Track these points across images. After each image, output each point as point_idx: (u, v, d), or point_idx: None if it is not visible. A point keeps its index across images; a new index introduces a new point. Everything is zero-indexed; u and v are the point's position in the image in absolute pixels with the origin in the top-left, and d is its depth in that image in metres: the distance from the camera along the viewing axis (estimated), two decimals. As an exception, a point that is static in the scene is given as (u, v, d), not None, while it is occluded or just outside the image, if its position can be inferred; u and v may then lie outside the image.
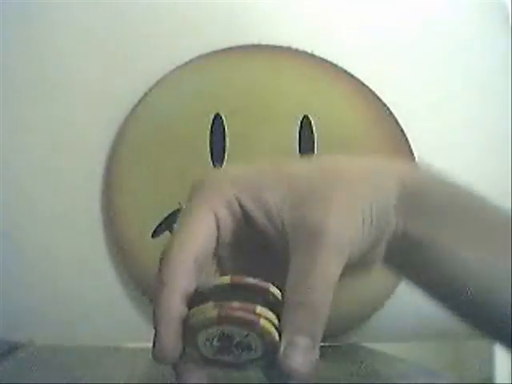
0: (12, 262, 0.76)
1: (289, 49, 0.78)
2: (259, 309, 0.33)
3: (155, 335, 0.34)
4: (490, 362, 0.77)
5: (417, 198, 0.38)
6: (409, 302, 0.65)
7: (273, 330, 0.34)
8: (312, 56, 0.78)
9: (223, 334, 0.34)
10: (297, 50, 0.78)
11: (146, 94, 0.77)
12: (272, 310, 0.34)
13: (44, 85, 0.78)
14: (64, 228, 0.77)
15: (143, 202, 0.76)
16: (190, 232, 0.35)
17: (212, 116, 0.76)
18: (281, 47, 0.78)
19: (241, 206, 0.36)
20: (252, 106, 0.77)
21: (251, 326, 0.33)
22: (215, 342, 0.34)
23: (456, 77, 0.81)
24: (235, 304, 0.33)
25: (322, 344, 0.34)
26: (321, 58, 0.78)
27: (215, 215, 0.36)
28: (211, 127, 0.76)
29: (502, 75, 0.81)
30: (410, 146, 0.78)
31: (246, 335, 0.33)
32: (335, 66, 0.78)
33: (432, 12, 0.81)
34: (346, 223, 0.35)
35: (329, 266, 0.34)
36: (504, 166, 0.80)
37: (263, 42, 0.78)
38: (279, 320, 0.34)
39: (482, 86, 0.81)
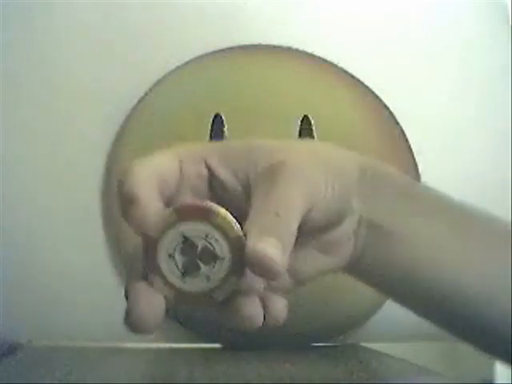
0: (12, 262, 0.76)
1: (289, 49, 0.78)
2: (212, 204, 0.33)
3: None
4: (489, 362, 0.77)
5: (376, 185, 0.38)
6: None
7: (234, 223, 0.33)
8: (312, 56, 0.78)
9: (184, 239, 0.33)
10: (297, 50, 0.78)
11: (146, 94, 0.77)
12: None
13: (44, 84, 0.78)
14: (64, 228, 0.77)
15: (143, 201, 0.76)
16: (153, 160, 0.36)
17: (212, 116, 0.76)
18: (281, 47, 0.78)
19: (207, 166, 0.37)
20: (252, 106, 0.77)
21: (208, 213, 0.33)
22: (178, 256, 0.33)
23: (456, 77, 0.81)
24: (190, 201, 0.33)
25: (322, 344, 0.34)
26: (321, 58, 0.78)
27: (180, 165, 0.36)
28: (211, 127, 0.76)
29: (502, 75, 0.81)
30: (409, 146, 0.78)
31: (207, 238, 0.33)
32: (335, 66, 0.78)
33: (432, 12, 0.81)
34: (307, 167, 0.35)
35: (290, 189, 0.34)
36: (504, 166, 0.80)
37: (263, 42, 0.78)
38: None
39: (482, 86, 0.81)
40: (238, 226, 0.33)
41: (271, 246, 0.31)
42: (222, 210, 0.33)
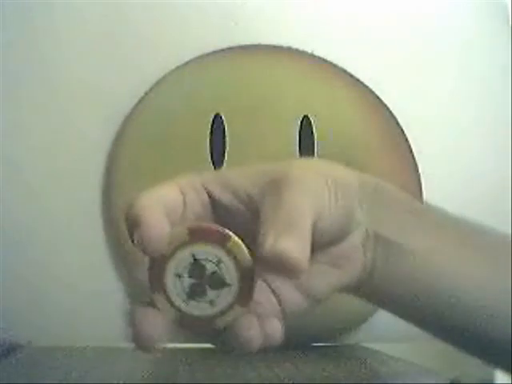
0: (12, 262, 0.76)
1: (289, 49, 0.78)
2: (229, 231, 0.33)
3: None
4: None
5: (379, 198, 0.39)
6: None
7: (246, 252, 0.32)
8: (312, 56, 0.78)
9: (194, 261, 0.32)
10: (297, 50, 0.78)
11: (146, 94, 0.77)
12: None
13: (44, 85, 0.78)
14: (64, 228, 0.77)
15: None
16: (157, 191, 0.36)
17: (212, 116, 0.76)
18: (281, 47, 0.78)
19: (208, 193, 0.37)
20: (252, 105, 0.77)
21: (223, 238, 0.32)
22: (186, 277, 0.32)
23: (456, 77, 0.81)
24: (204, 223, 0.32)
25: (322, 344, 0.34)
26: (321, 58, 0.78)
27: (183, 195, 0.36)
28: (211, 127, 0.76)
29: (502, 75, 0.81)
30: (409, 146, 0.78)
31: (218, 263, 0.32)
32: (335, 66, 0.78)
33: (432, 12, 0.81)
34: (310, 180, 0.35)
35: (298, 198, 0.34)
36: (504, 166, 0.80)
37: (263, 42, 0.78)
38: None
39: (482, 86, 0.81)
40: (249, 255, 0.32)
41: (291, 243, 0.31)
42: (236, 238, 0.33)
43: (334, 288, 0.38)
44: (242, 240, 0.33)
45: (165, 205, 0.34)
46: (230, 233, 0.33)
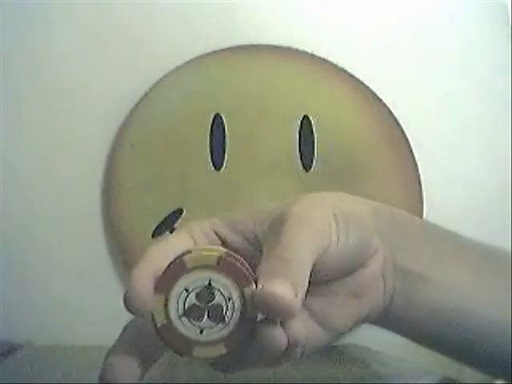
0: (12, 262, 0.76)
1: (289, 49, 0.78)
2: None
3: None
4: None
5: (394, 226, 0.39)
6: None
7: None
8: (312, 56, 0.78)
9: (208, 285, 0.32)
10: (297, 50, 0.78)
11: (146, 94, 0.77)
12: None
13: (44, 85, 0.78)
14: (64, 228, 0.77)
15: (143, 201, 0.76)
16: (169, 241, 0.36)
17: (212, 116, 0.76)
18: (281, 47, 0.78)
19: (217, 234, 0.37)
20: (252, 106, 0.77)
21: (245, 281, 0.32)
22: (193, 295, 0.32)
23: (456, 77, 0.81)
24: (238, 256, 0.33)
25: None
26: (321, 58, 0.78)
27: (194, 241, 0.37)
28: (211, 127, 0.76)
29: (502, 75, 0.81)
30: (410, 146, 0.78)
31: (229, 299, 0.32)
32: (335, 66, 0.78)
33: (432, 12, 0.81)
34: (312, 216, 0.35)
35: (296, 234, 0.34)
36: (504, 166, 0.80)
37: (263, 42, 0.78)
38: None
39: (482, 86, 0.81)
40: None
41: (279, 285, 0.31)
42: (255, 286, 0.32)
43: (356, 319, 0.38)
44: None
45: (176, 254, 0.34)
46: (252, 279, 0.33)
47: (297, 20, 0.80)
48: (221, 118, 0.76)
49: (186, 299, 0.33)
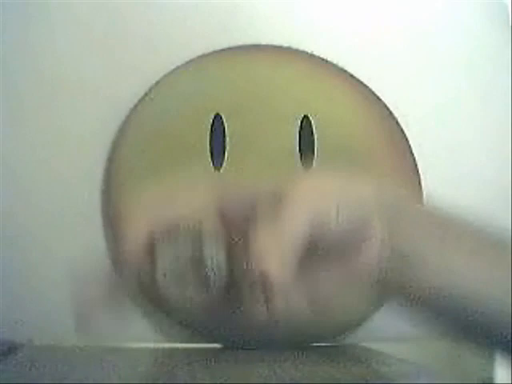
0: (12, 261, 0.76)
1: (289, 49, 0.78)
2: None
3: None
4: (489, 362, 0.77)
5: (398, 210, 0.39)
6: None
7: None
8: (312, 56, 0.78)
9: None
10: (297, 50, 0.78)
11: (145, 94, 0.77)
12: None
13: (44, 85, 0.78)
14: (64, 228, 0.77)
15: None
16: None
17: (212, 116, 0.76)
18: (281, 47, 0.78)
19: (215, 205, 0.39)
20: (252, 106, 0.77)
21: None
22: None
23: (456, 77, 0.81)
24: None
25: (322, 344, 0.34)
26: (321, 58, 0.78)
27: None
28: (211, 127, 0.76)
29: (502, 75, 0.81)
30: (410, 146, 0.78)
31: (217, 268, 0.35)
32: (335, 65, 0.78)
33: (432, 12, 0.81)
34: (313, 189, 0.36)
35: (294, 213, 0.35)
36: (504, 166, 0.80)
37: (263, 42, 0.78)
38: None
39: (482, 86, 0.81)
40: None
41: (270, 265, 0.32)
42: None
43: (340, 288, 0.38)
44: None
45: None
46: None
47: (297, 20, 0.80)
48: (221, 118, 0.76)
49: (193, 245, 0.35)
